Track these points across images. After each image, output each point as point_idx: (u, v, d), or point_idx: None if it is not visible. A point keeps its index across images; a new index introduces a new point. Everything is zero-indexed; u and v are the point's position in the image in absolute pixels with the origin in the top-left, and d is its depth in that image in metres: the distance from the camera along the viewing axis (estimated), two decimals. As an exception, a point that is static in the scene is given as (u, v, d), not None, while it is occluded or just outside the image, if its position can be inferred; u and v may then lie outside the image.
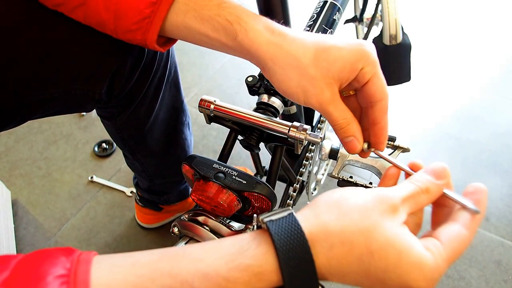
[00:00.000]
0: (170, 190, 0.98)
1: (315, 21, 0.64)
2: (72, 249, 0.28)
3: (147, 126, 0.72)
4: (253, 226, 0.47)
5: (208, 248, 0.29)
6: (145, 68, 0.61)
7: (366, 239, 0.27)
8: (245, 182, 0.47)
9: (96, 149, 1.29)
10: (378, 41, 0.99)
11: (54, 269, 0.25)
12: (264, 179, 0.61)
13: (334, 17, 0.66)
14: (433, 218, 0.34)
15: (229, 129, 0.57)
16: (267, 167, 0.87)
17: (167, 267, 0.27)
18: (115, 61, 0.56)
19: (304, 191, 0.89)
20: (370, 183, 0.47)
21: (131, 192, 1.18)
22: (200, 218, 0.49)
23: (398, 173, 0.36)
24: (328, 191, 0.31)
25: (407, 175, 0.35)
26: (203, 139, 1.34)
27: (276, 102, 0.55)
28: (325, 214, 0.28)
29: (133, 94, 0.64)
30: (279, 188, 1.02)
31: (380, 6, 0.93)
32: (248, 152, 1.22)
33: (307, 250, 0.26)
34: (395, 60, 1.00)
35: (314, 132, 0.48)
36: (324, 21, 0.65)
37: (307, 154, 0.78)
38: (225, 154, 0.57)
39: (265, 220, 0.28)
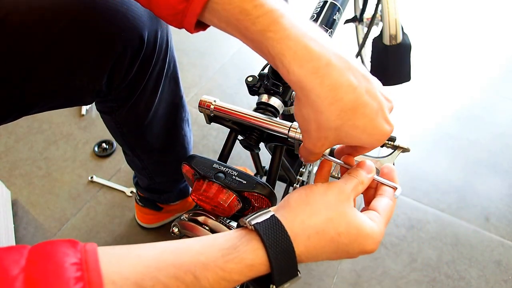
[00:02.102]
0: (170, 189, 0.98)
1: (315, 21, 0.64)
2: (74, 240, 0.30)
3: (146, 120, 0.73)
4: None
5: (205, 244, 0.33)
6: (144, 60, 0.62)
7: (334, 225, 0.34)
8: (245, 182, 0.47)
9: (96, 149, 1.29)
10: (378, 41, 0.99)
11: (67, 258, 0.27)
12: (264, 179, 0.61)
13: (334, 17, 0.66)
14: (365, 197, 0.43)
15: (229, 129, 0.57)
16: (267, 167, 0.87)
17: (171, 259, 0.31)
18: (114, 53, 0.56)
19: (304, 191, 0.89)
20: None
21: (131, 192, 1.18)
22: (200, 218, 0.49)
23: (331, 166, 0.44)
24: (295, 190, 0.39)
25: (344, 168, 0.43)
26: (203, 139, 1.34)
27: (276, 102, 0.55)
28: (301, 212, 0.35)
29: (132, 87, 0.65)
30: (279, 188, 1.02)
31: (380, 6, 0.93)
32: (248, 152, 1.23)
33: (290, 245, 0.33)
34: (395, 60, 1.00)
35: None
36: (324, 21, 0.65)
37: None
38: (225, 154, 0.57)
39: (252, 222, 0.33)
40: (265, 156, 0.97)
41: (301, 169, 0.74)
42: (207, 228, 0.48)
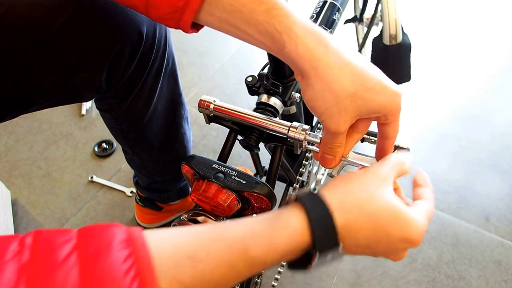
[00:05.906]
0: (170, 187, 0.98)
1: (314, 21, 0.64)
2: (117, 223, 0.31)
3: (146, 117, 0.73)
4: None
5: (251, 219, 0.34)
6: (143, 56, 0.62)
7: (373, 202, 0.35)
8: (245, 182, 0.47)
9: (96, 149, 1.29)
10: (378, 41, 0.99)
11: (116, 237, 0.28)
12: (264, 179, 0.61)
13: (333, 17, 0.66)
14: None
15: (228, 129, 0.57)
16: (267, 167, 0.87)
17: (219, 232, 0.32)
18: (113, 48, 0.57)
19: (304, 191, 0.89)
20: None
21: (131, 192, 1.18)
22: (200, 218, 0.49)
23: None
24: (342, 177, 0.39)
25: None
26: (203, 139, 1.34)
27: (275, 102, 0.55)
28: (340, 189, 0.36)
29: (131, 83, 0.65)
30: (279, 188, 1.02)
31: (380, 6, 0.93)
32: (248, 152, 1.22)
33: (328, 213, 0.34)
34: (395, 60, 1.00)
35: (314, 132, 0.48)
36: (324, 21, 0.65)
37: (307, 154, 0.78)
38: (225, 154, 0.57)
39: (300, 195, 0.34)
40: (265, 156, 0.97)
41: (301, 169, 0.74)
42: (206, 228, 0.48)
